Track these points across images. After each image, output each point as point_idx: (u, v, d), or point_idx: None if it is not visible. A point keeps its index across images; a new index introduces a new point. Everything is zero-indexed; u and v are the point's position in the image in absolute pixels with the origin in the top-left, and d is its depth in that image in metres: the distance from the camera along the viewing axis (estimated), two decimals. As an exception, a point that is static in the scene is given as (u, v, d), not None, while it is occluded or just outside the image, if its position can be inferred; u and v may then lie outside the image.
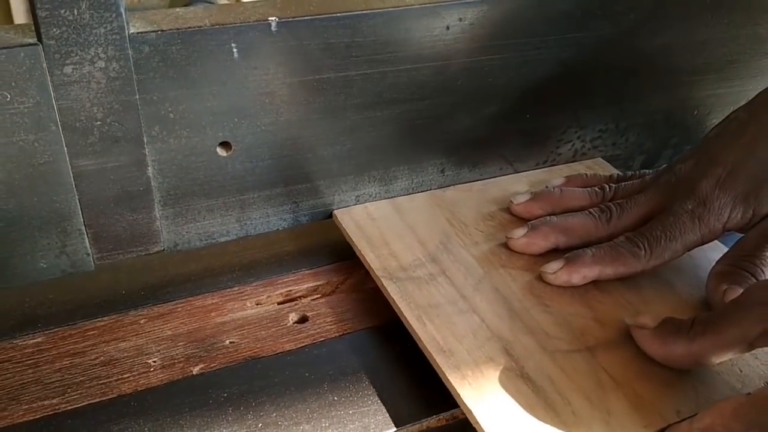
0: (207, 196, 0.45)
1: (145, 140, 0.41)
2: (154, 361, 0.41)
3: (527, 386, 0.37)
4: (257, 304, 0.45)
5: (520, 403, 0.36)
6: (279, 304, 0.45)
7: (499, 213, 0.51)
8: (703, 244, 0.44)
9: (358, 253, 0.47)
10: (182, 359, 0.41)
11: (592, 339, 0.41)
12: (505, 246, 0.47)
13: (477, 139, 0.52)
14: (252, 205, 0.47)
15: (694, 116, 0.59)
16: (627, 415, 0.36)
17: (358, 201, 0.50)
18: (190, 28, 0.39)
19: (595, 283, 0.44)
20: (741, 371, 0.39)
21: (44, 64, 0.37)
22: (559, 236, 0.46)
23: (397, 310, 0.42)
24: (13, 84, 0.37)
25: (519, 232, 0.47)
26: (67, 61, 0.37)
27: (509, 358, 0.39)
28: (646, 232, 0.44)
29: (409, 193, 0.52)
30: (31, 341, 0.42)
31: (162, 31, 0.39)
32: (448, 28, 0.45)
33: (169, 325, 0.43)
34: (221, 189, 0.45)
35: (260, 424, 0.37)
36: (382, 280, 0.44)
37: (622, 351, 0.40)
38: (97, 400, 0.38)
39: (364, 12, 0.43)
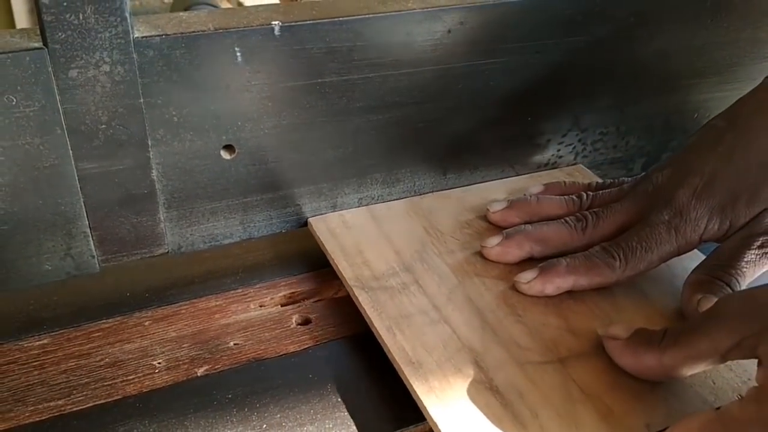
0: (210, 198, 0.45)
1: (149, 143, 0.41)
2: (159, 363, 0.41)
3: (495, 399, 0.37)
4: (261, 306, 0.45)
5: (487, 417, 0.36)
6: (282, 306, 0.46)
7: (477, 221, 0.50)
8: (679, 254, 0.43)
9: (331, 262, 0.46)
10: (187, 361, 0.41)
11: (565, 350, 0.40)
12: (481, 255, 0.47)
13: (479, 141, 0.52)
14: (255, 208, 0.47)
15: (694, 119, 0.59)
16: (595, 428, 0.35)
17: (360, 203, 0.50)
18: (194, 32, 0.40)
19: (570, 293, 0.44)
20: (714, 383, 0.38)
21: (50, 68, 0.37)
22: (533, 245, 0.46)
23: (367, 320, 0.41)
24: (18, 88, 0.37)
25: (493, 241, 0.46)
26: (73, 65, 0.37)
27: (479, 370, 0.38)
28: (621, 243, 0.43)
29: (412, 196, 0.52)
30: (37, 343, 0.42)
31: (166, 35, 0.39)
32: (449, 31, 0.46)
33: (173, 326, 0.44)
34: (225, 192, 0.45)
35: (264, 425, 0.38)
36: (354, 289, 0.43)
37: (595, 362, 0.39)
38: (103, 401, 0.39)
39: (367, 16, 0.43)
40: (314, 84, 0.44)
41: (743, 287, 0.41)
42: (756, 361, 0.33)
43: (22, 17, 1.77)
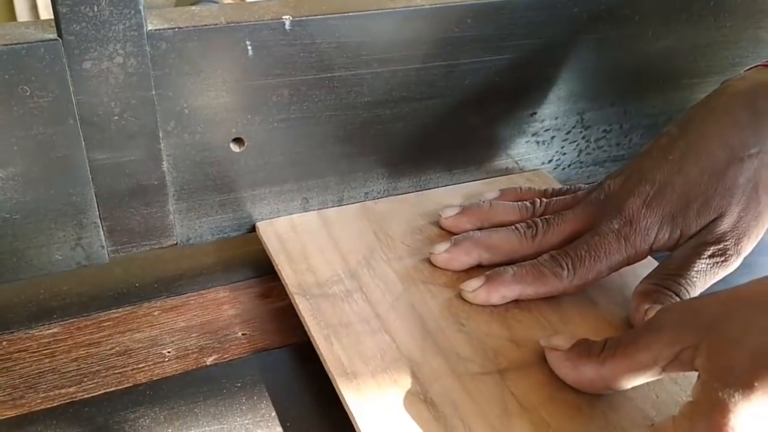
0: (219, 191, 0.46)
1: (160, 135, 0.42)
2: (169, 352, 0.42)
3: (429, 411, 0.35)
4: (268, 297, 0.46)
5: (418, 429, 0.34)
6: (288, 297, 0.46)
7: (429, 227, 0.49)
8: (629, 264, 0.42)
9: (276, 268, 0.45)
10: (196, 350, 0.42)
11: (505, 361, 0.39)
12: (429, 262, 0.45)
13: (484, 138, 0.53)
14: (263, 201, 0.47)
15: (696, 118, 0.60)
16: None
17: (366, 197, 0.51)
18: (206, 25, 0.40)
19: (517, 302, 0.42)
20: (657, 397, 0.37)
21: (64, 60, 0.37)
22: (482, 252, 0.45)
23: (306, 329, 0.40)
24: (33, 78, 0.37)
25: (441, 247, 0.45)
26: (87, 57, 0.38)
27: (415, 380, 0.37)
28: (570, 251, 0.42)
29: (417, 191, 0.53)
30: (47, 331, 0.42)
31: (179, 28, 0.40)
32: (457, 28, 0.46)
33: (182, 317, 0.44)
34: (233, 184, 0.46)
35: (273, 413, 0.38)
36: (295, 297, 0.42)
37: (535, 374, 0.38)
38: (113, 388, 0.39)
39: (376, 12, 0.44)
40: (323, 78, 0.44)
41: None
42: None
43: (24, 15, 1.77)
